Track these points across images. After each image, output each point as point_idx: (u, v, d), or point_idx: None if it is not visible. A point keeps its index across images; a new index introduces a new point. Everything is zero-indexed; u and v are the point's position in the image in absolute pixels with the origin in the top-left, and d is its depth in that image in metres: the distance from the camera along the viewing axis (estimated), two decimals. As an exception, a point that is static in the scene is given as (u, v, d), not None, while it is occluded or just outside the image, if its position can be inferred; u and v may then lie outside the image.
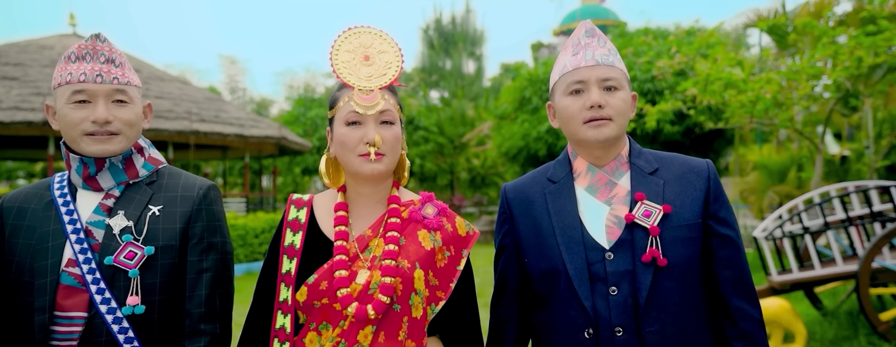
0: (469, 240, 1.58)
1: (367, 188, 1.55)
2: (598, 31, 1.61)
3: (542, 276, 1.57)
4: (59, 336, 1.48)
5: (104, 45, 1.60)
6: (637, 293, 1.47)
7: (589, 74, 1.54)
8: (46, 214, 1.57)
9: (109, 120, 1.55)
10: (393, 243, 1.47)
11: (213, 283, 1.59)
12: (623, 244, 1.51)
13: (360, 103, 1.47)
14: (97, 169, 1.59)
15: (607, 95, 1.54)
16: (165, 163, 1.73)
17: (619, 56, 1.60)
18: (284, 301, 1.49)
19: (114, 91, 1.57)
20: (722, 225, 1.53)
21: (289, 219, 1.58)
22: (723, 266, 1.52)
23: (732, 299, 1.51)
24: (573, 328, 1.51)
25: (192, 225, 1.60)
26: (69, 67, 1.57)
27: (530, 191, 1.66)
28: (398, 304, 1.44)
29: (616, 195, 1.56)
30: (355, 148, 1.47)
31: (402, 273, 1.44)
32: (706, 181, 1.56)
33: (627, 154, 1.61)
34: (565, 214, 1.57)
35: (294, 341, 1.48)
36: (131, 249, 1.52)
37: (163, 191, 1.63)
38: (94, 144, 1.55)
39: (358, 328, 1.42)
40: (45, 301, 1.47)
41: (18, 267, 1.52)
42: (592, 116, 1.53)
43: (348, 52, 1.53)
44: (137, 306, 1.48)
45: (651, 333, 1.46)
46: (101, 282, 1.48)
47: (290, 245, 1.53)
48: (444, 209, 1.58)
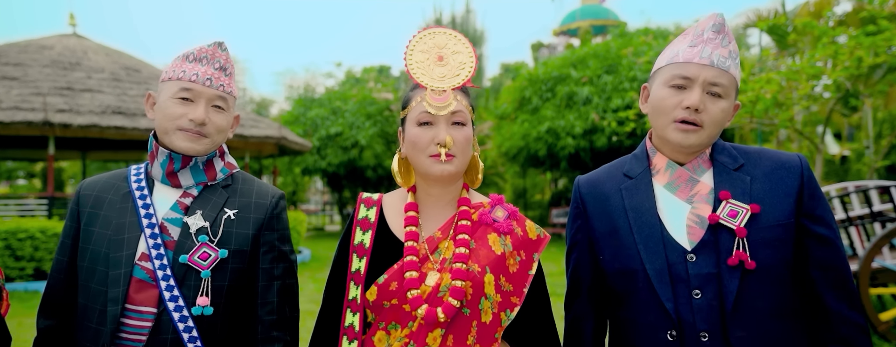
0: (540, 244, 1.55)
1: (437, 189, 1.54)
2: (727, 28, 1.49)
3: (619, 274, 1.51)
4: (130, 328, 1.50)
5: (223, 54, 1.67)
6: (724, 298, 1.38)
7: (698, 73, 1.44)
8: (123, 206, 1.60)
9: (205, 122, 1.59)
10: (463, 246, 1.46)
11: (283, 291, 1.62)
12: (706, 245, 1.42)
13: (433, 103, 1.45)
14: (182, 165, 1.62)
15: (709, 101, 1.43)
16: (238, 168, 1.77)
17: (738, 61, 1.49)
18: (353, 300, 1.48)
19: (217, 96, 1.62)
20: (818, 223, 1.43)
21: (358, 218, 1.57)
22: (820, 267, 1.42)
23: (831, 302, 1.41)
24: (654, 329, 1.44)
25: (263, 232, 1.62)
26: (184, 66, 1.62)
27: (605, 186, 1.59)
28: (468, 308, 1.42)
29: (698, 193, 1.48)
30: (426, 148, 1.46)
31: (473, 277, 1.42)
32: (799, 177, 1.45)
33: (710, 150, 1.52)
34: (643, 212, 1.50)
35: (363, 339, 1.47)
36: (206, 250, 1.54)
37: (238, 196, 1.66)
38: (185, 141, 1.59)
39: (427, 330, 1.41)
40: (119, 292, 1.49)
41: (94, 256, 1.55)
42: (685, 118, 1.43)
43: (423, 53, 1.52)
44: (206, 307, 1.50)
45: (740, 339, 1.38)
46: (171, 279, 1.50)
47: (360, 243, 1.52)
48: (515, 212, 1.55)
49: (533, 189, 21.06)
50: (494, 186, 21.64)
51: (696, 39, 1.49)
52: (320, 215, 26.60)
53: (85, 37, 13.67)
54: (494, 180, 21.44)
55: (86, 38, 13.59)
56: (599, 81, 13.17)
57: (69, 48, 12.72)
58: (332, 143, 17.61)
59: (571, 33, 24.53)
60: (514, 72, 20.49)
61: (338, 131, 17.41)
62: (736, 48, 1.49)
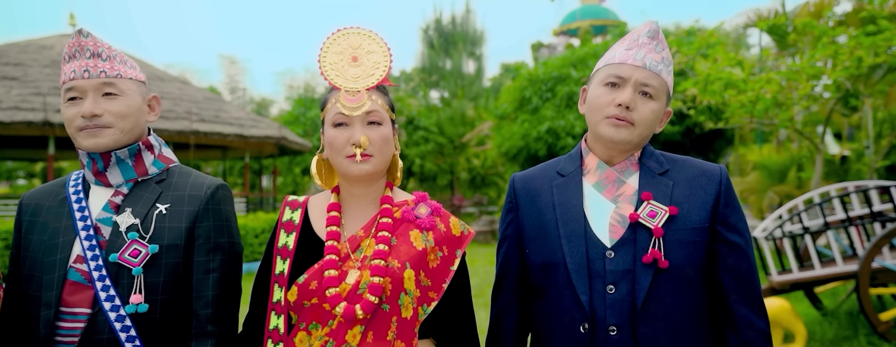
0: (463, 241, 1.57)
1: (359, 189, 1.56)
2: (660, 35, 1.59)
3: (542, 268, 1.57)
4: (63, 331, 1.49)
5: (88, 40, 1.60)
6: (635, 293, 1.45)
7: (631, 73, 1.52)
8: (60, 211, 1.59)
9: (97, 113, 1.55)
10: (383, 243, 1.47)
11: (219, 284, 1.58)
12: (625, 243, 1.49)
13: (346, 104, 1.47)
14: (105, 164, 1.60)
15: (640, 100, 1.52)
16: (177, 162, 1.73)
17: (671, 69, 1.58)
18: (278, 302, 1.50)
19: (101, 84, 1.57)
20: (731, 231, 1.51)
21: (283, 221, 1.58)
22: (728, 272, 1.50)
23: (736, 306, 1.48)
24: (569, 321, 1.50)
25: (198, 224, 1.59)
26: (64, 68, 1.60)
27: (538, 183, 1.66)
28: (387, 304, 1.44)
29: (623, 193, 1.55)
30: (342, 149, 1.48)
31: (392, 272, 1.44)
32: (717, 185, 1.53)
33: (639, 154, 1.60)
34: (570, 208, 1.56)
35: (286, 341, 1.48)
36: (136, 247, 1.52)
37: (171, 190, 1.63)
38: (87, 138, 1.56)
39: (346, 327, 1.42)
40: (52, 296, 1.49)
41: (31, 263, 1.55)
42: (617, 115, 1.51)
43: (337, 54, 1.53)
44: (140, 304, 1.49)
45: (645, 335, 1.44)
46: (106, 279, 1.49)
47: (284, 246, 1.53)
48: (438, 209, 1.57)
49: (533, 189, 21.01)
50: (494, 186, 21.64)
51: (631, 44, 1.58)
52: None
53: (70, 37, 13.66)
54: (494, 180, 21.43)
55: (86, 38, 13.58)
56: (599, 81, 13.15)
57: (69, 48, 12.71)
58: (332, 143, 17.56)
59: (571, 33, 24.53)
60: (514, 72, 20.48)
61: (338, 131, 17.36)
62: (669, 56, 1.58)
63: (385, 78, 1.53)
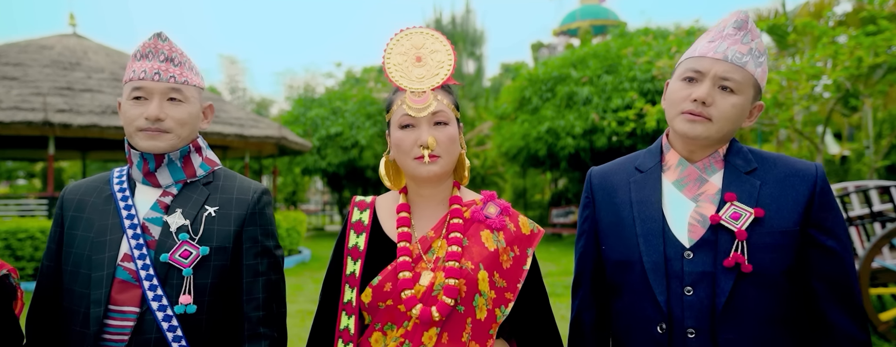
0: (534, 239, 1.55)
1: (428, 189, 1.54)
2: (750, 25, 1.47)
3: (618, 265, 1.53)
4: (112, 329, 1.50)
5: (164, 44, 1.62)
6: (716, 297, 1.39)
7: (710, 67, 1.44)
8: (105, 208, 1.60)
9: (161, 117, 1.57)
10: (456, 244, 1.46)
11: (269, 287, 1.60)
12: (705, 244, 1.43)
13: (412, 105, 1.45)
14: (156, 165, 1.61)
15: (718, 95, 1.43)
16: (220, 164, 1.75)
17: (761, 60, 1.47)
18: (349, 303, 1.49)
19: (169, 89, 1.59)
20: (826, 234, 1.42)
21: (352, 221, 1.58)
22: (823, 279, 1.41)
23: (833, 316, 1.40)
24: (646, 321, 1.46)
25: (246, 228, 1.60)
26: (133, 65, 1.60)
27: (615, 178, 1.61)
28: (462, 306, 1.43)
29: (704, 192, 1.49)
30: (410, 151, 1.46)
31: (466, 274, 1.43)
32: (811, 186, 1.44)
33: (725, 151, 1.52)
34: (648, 205, 1.51)
35: (359, 342, 1.48)
36: (187, 248, 1.53)
37: (219, 193, 1.64)
38: (146, 140, 1.57)
39: (422, 329, 1.42)
40: (101, 294, 1.49)
41: (77, 259, 1.55)
42: (692, 110, 1.44)
43: (401, 55, 1.51)
44: (189, 305, 1.50)
45: (727, 340, 1.38)
46: (154, 279, 1.50)
47: (354, 246, 1.53)
48: (507, 208, 1.55)
49: (533, 189, 21.06)
50: (494, 186, 21.64)
51: (715, 35, 1.49)
52: (320, 215, 26.61)
53: (85, 37, 13.67)
54: (494, 180, 21.43)
55: (86, 38, 13.59)
56: (599, 81, 13.17)
57: (69, 48, 12.72)
58: (332, 143, 17.60)
59: (571, 33, 24.53)
60: (514, 72, 20.48)
61: (338, 131, 17.40)
62: (761, 47, 1.47)
63: (450, 77, 1.51)
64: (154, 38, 1.62)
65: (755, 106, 1.50)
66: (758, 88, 1.48)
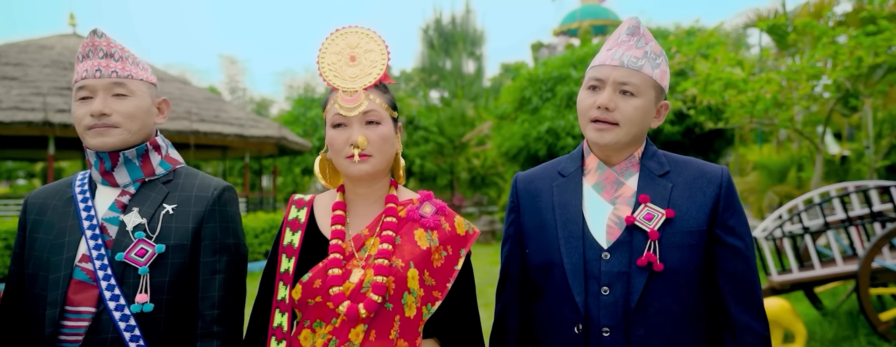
0: (468, 240, 1.56)
1: (363, 188, 1.56)
2: (641, 30, 1.56)
3: (541, 268, 1.57)
4: (68, 330, 1.50)
5: (101, 40, 1.62)
6: (629, 296, 1.45)
7: (608, 74, 1.51)
8: (66, 210, 1.60)
9: (106, 112, 1.56)
10: (387, 242, 1.48)
11: (226, 285, 1.59)
12: (621, 245, 1.49)
13: (343, 105, 1.47)
14: (112, 164, 1.60)
15: (620, 99, 1.50)
16: (183, 163, 1.74)
17: (658, 61, 1.54)
18: (282, 300, 1.50)
19: (112, 84, 1.58)
20: (730, 234, 1.49)
21: (289, 219, 1.59)
22: (727, 276, 1.49)
23: (734, 311, 1.47)
24: (565, 322, 1.51)
25: (204, 225, 1.60)
26: (77, 67, 1.61)
27: (539, 183, 1.65)
28: (390, 303, 1.44)
29: (621, 195, 1.54)
30: (342, 150, 1.48)
31: (395, 272, 1.44)
32: (717, 188, 1.52)
33: (640, 155, 1.58)
34: (569, 209, 1.56)
35: (290, 339, 1.49)
36: (143, 246, 1.53)
37: (178, 191, 1.64)
38: (94, 137, 1.57)
39: (349, 326, 1.43)
40: (57, 295, 1.49)
41: (36, 262, 1.56)
42: (597, 117, 1.51)
43: (335, 54, 1.52)
44: (146, 304, 1.49)
45: (638, 337, 1.44)
46: (111, 279, 1.49)
47: (289, 244, 1.54)
48: (443, 208, 1.57)
49: (533, 189, 21.02)
50: (494, 186, 21.64)
51: (612, 43, 1.56)
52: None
53: (85, 37, 13.67)
54: (494, 180, 21.43)
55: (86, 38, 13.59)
56: (599, 81, 13.16)
57: (69, 48, 12.72)
58: (332, 143, 17.58)
59: (571, 33, 24.52)
60: (514, 72, 20.47)
61: (338, 131, 17.37)
62: (656, 48, 1.54)
63: (384, 76, 1.52)
64: (90, 36, 1.62)
65: (661, 105, 1.57)
66: (659, 89, 1.55)
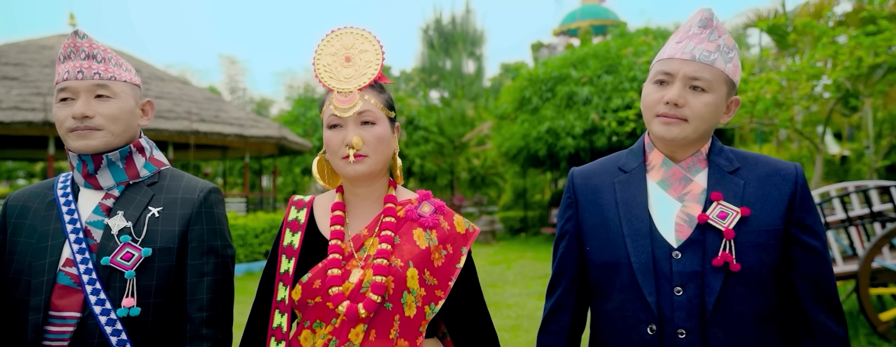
0: (469, 238, 1.56)
1: (361, 188, 1.55)
2: (715, 22, 1.49)
3: (604, 267, 1.53)
4: (52, 336, 1.47)
5: (83, 42, 1.59)
6: (705, 296, 1.40)
7: (678, 68, 1.45)
8: (48, 213, 1.57)
9: (88, 114, 1.53)
10: (386, 242, 1.47)
11: (214, 287, 1.58)
12: (693, 244, 1.44)
13: (338, 106, 1.47)
14: (96, 166, 1.58)
15: (690, 95, 1.45)
16: (169, 164, 1.72)
17: (731, 55, 1.48)
18: (282, 301, 1.50)
19: (94, 86, 1.55)
20: (807, 233, 1.44)
21: (289, 220, 1.59)
22: (804, 277, 1.44)
23: (814, 312, 1.42)
24: (635, 322, 1.46)
25: (191, 227, 1.58)
26: (58, 69, 1.59)
27: (599, 179, 1.61)
28: (390, 303, 1.44)
29: (690, 192, 1.50)
30: (338, 150, 1.48)
31: (395, 271, 1.44)
32: (793, 185, 1.46)
33: (707, 151, 1.53)
34: (634, 206, 1.51)
35: (290, 339, 1.49)
36: (129, 250, 1.51)
37: (164, 193, 1.61)
38: (76, 140, 1.54)
39: (349, 326, 1.43)
40: (40, 300, 1.46)
41: (18, 266, 1.52)
42: (665, 113, 1.46)
43: (331, 55, 1.52)
44: (133, 308, 1.47)
45: (717, 339, 1.40)
46: (96, 283, 1.47)
47: (289, 245, 1.54)
48: (441, 207, 1.57)
49: (533, 189, 21.05)
50: (494, 186, 21.64)
51: (682, 36, 1.50)
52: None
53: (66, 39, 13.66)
54: (494, 180, 21.44)
55: (86, 38, 13.58)
56: (599, 81, 13.17)
57: (69, 48, 12.71)
58: (332, 143, 17.57)
59: (571, 33, 24.52)
60: (514, 72, 20.48)
61: (338, 131, 17.38)
62: (729, 42, 1.49)
63: (380, 76, 1.52)
64: (72, 37, 1.59)
65: (731, 100, 1.52)
66: (731, 84, 1.49)
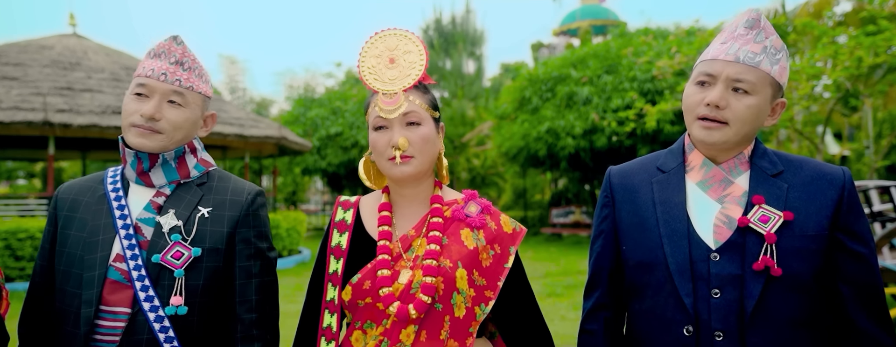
0: (516, 237, 1.56)
1: (408, 189, 1.55)
2: (762, 23, 1.45)
3: (640, 266, 1.51)
4: (103, 330, 1.50)
5: (178, 47, 1.63)
6: (744, 300, 1.38)
7: (721, 69, 1.42)
8: (99, 208, 1.59)
9: (156, 117, 1.56)
10: (435, 243, 1.47)
11: (262, 289, 1.60)
12: (732, 246, 1.42)
13: (383, 107, 1.47)
14: (151, 164, 1.60)
15: (732, 97, 1.41)
16: (215, 165, 1.74)
17: (778, 57, 1.45)
18: (331, 301, 1.51)
19: (171, 91, 1.58)
20: (854, 240, 1.41)
21: (336, 220, 1.59)
22: (850, 283, 1.41)
23: (860, 320, 1.39)
24: (671, 323, 1.44)
25: (239, 229, 1.60)
26: (144, 62, 1.62)
27: (636, 178, 1.59)
28: (440, 304, 1.44)
29: (730, 194, 1.47)
30: (384, 152, 1.48)
31: (444, 272, 1.44)
32: (839, 190, 1.43)
33: (750, 153, 1.50)
34: (672, 206, 1.49)
35: (340, 340, 1.50)
36: (179, 249, 1.53)
37: (213, 194, 1.64)
38: (136, 137, 1.57)
39: (400, 327, 1.43)
40: (93, 294, 1.49)
41: (69, 259, 1.55)
42: (706, 115, 1.43)
43: (375, 57, 1.53)
44: (180, 306, 1.50)
45: (754, 344, 1.37)
46: (145, 280, 1.49)
47: (337, 245, 1.54)
48: (488, 206, 1.56)
49: (533, 189, 21.06)
50: (494, 186, 21.64)
51: (728, 36, 1.48)
52: (320, 215, 26.59)
53: (85, 37, 13.67)
54: (494, 180, 21.44)
55: (86, 38, 13.60)
56: (599, 81, 13.17)
57: (69, 48, 12.72)
58: (332, 143, 17.60)
59: (571, 33, 24.53)
60: (514, 72, 20.48)
61: (338, 131, 17.41)
62: (777, 43, 1.45)
63: (425, 76, 1.52)
64: (169, 40, 1.64)
65: (777, 103, 1.48)
66: (777, 86, 1.46)
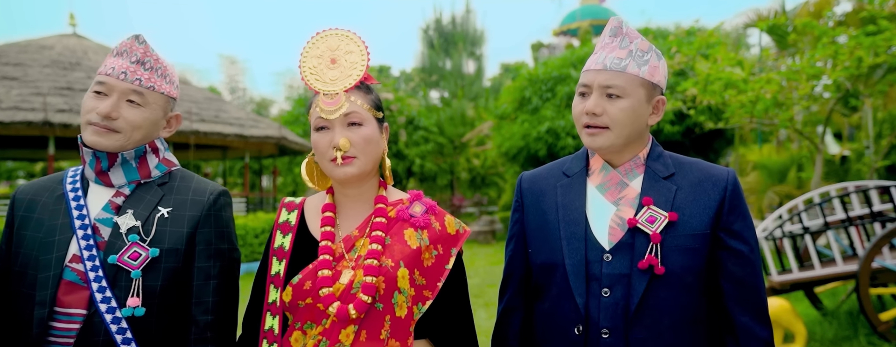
0: (459, 239, 1.56)
1: (351, 189, 1.55)
2: (624, 29, 1.54)
3: (543, 268, 1.57)
4: (57, 332, 1.47)
5: (140, 47, 1.62)
6: (629, 298, 1.45)
7: (593, 78, 1.51)
8: (56, 207, 1.57)
9: (113, 116, 1.54)
10: (377, 242, 1.47)
11: (220, 290, 1.58)
12: (623, 247, 1.48)
13: (324, 107, 1.47)
14: (109, 164, 1.58)
15: (607, 103, 1.49)
16: (179, 165, 1.73)
17: (646, 58, 1.51)
18: (273, 303, 1.50)
19: (130, 90, 1.57)
20: (734, 238, 1.48)
21: (279, 222, 1.59)
22: (730, 280, 1.47)
23: (737, 315, 1.46)
24: (565, 322, 1.51)
25: (199, 230, 1.59)
26: (107, 60, 1.61)
27: (544, 183, 1.65)
28: (381, 303, 1.44)
29: (625, 196, 1.54)
30: (326, 153, 1.48)
31: (385, 272, 1.44)
32: (722, 190, 1.50)
33: (645, 156, 1.57)
34: (572, 209, 1.55)
35: (281, 341, 1.48)
36: (136, 249, 1.51)
37: (173, 194, 1.62)
38: (92, 135, 1.55)
39: (340, 327, 1.42)
40: (46, 295, 1.46)
41: (24, 259, 1.52)
42: (588, 123, 1.51)
43: (316, 57, 1.52)
44: (137, 307, 1.47)
45: (637, 340, 1.44)
46: (102, 280, 1.47)
47: (280, 247, 1.54)
48: (433, 207, 1.57)
49: (533, 189, 21.01)
50: (494, 186, 21.63)
51: (598, 47, 1.56)
52: (320, 215, 26.57)
53: (85, 37, 13.68)
54: (494, 180, 21.43)
55: (86, 38, 13.60)
56: (599, 81, 13.15)
57: (69, 48, 12.72)
58: (332, 143, 17.54)
59: (571, 33, 24.52)
60: (514, 72, 20.49)
61: (338, 131, 17.34)
62: (641, 46, 1.52)
63: (366, 76, 1.51)
64: (132, 39, 1.61)
65: (656, 101, 1.54)
66: (650, 86, 1.52)
